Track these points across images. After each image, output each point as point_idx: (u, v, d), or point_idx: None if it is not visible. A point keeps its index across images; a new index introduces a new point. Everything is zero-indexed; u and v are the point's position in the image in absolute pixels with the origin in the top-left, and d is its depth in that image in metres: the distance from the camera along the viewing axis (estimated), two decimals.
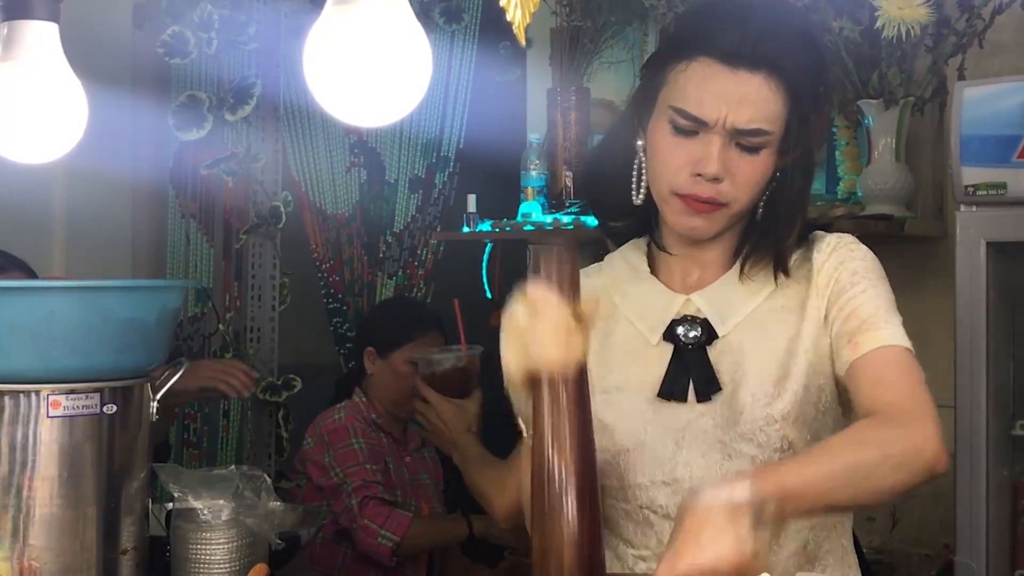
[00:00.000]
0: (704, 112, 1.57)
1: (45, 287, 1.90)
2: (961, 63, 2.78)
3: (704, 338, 1.65)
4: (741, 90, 1.56)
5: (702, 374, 1.63)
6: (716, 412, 1.62)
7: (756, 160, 1.60)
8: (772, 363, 1.62)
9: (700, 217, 1.62)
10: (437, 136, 3.99)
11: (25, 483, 1.82)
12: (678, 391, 1.64)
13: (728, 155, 1.58)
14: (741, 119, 1.57)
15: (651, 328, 1.68)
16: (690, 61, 1.59)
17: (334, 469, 3.21)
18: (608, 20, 3.43)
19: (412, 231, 4.07)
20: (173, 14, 3.69)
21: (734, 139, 1.58)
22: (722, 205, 1.61)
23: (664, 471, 1.63)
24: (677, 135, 1.60)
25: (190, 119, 3.76)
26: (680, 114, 1.59)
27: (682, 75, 1.60)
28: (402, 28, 1.35)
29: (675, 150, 1.60)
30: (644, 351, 1.68)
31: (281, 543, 2.02)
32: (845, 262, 1.64)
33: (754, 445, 1.60)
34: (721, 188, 1.59)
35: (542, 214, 3.32)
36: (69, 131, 2.08)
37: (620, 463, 1.66)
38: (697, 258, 1.70)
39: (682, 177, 1.60)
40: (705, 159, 1.57)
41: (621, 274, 1.76)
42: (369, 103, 1.37)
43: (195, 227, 4.09)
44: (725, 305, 1.66)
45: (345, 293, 4.12)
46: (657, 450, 1.63)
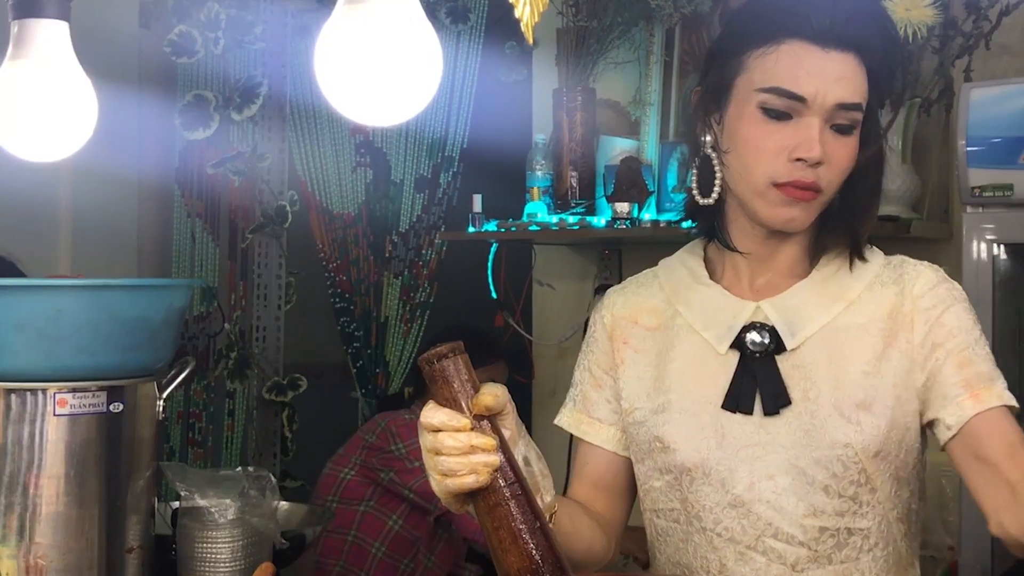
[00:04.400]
0: (802, 88, 1.50)
1: (52, 286, 1.91)
2: (968, 64, 2.77)
3: (773, 347, 1.56)
4: (837, 67, 1.51)
5: (770, 385, 1.54)
6: (786, 430, 1.53)
7: (849, 142, 1.53)
8: (850, 385, 1.53)
9: (798, 206, 1.53)
10: (442, 136, 3.99)
11: (32, 481, 1.82)
12: (744, 403, 1.55)
13: (825, 138, 1.51)
14: (842, 94, 1.51)
15: (719, 337, 1.59)
16: (779, 44, 1.52)
17: (410, 460, 3.24)
18: (614, 21, 3.42)
19: (417, 231, 4.07)
20: (180, 13, 3.70)
21: (831, 119, 1.51)
22: (819, 191, 1.53)
23: (730, 493, 1.54)
24: (770, 120, 1.52)
25: (196, 118, 3.76)
26: (775, 93, 1.51)
27: (770, 58, 1.52)
28: (413, 28, 1.34)
29: (770, 136, 1.52)
30: (709, 361, 1.59)
31: (286, 542, 2.02)
32: (950, 305, 1.55)
33: (829, 474, 1.51)
34: (820, 172, 1.51)
35: (547, 214, 3.32)
36: (79, 129, 2.08)
37: (682, 484, 1.58)
38: (767, 259, 1.61)
39: (780, 164, 1.51)
40: (806, 142, 1.50)
41: (681, 281, 1.67)
42: (380, 103, 1.37)
43: (201, 226, 4.10)
44: (796, 316, 1.57)
45: (352, 293, 4.12)
46: (722, 470, 1.54)
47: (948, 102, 2.90)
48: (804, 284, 1.59)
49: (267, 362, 4.03)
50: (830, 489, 1.51)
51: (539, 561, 1.28)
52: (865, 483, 1.51)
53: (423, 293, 4.09)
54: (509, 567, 1.28)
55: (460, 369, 1.32)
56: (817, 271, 1.60)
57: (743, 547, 1.53)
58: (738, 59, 1.56)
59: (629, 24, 3.43)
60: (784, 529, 1.52)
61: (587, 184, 3.37)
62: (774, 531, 1.52)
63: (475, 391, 1.32)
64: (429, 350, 1.32)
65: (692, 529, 1.58)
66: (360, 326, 4.11)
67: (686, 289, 1.66)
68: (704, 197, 1.59)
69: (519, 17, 1.14)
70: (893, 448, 1.53)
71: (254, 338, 4.05)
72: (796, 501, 1.51)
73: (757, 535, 1.53)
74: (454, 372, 1.32)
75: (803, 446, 1.51)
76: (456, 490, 1.32)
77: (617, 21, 3.41)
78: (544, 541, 1.29)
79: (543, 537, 1.29)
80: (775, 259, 1.61)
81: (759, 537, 1.53)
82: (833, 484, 1.51)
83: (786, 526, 1.51)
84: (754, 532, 1.53)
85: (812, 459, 1.51)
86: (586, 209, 3.32)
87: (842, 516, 1.51)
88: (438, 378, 1.32)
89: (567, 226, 3.25)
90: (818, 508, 1.51)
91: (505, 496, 1.30)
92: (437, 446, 1.32)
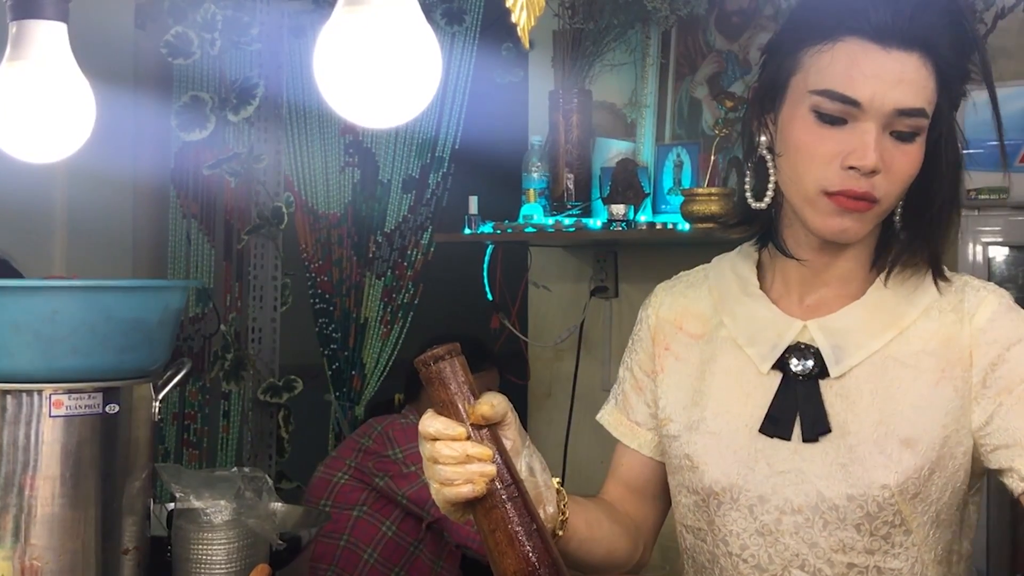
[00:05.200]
0: (857, 91, 1.38)
1: (48, 287, 1.90)
2: None
3: (817, 371, 1.47)
4: (897, 69, 1.38)
5: (811, 411, 1.45)
6: (822, 460, 1.44)
7: (911, 150, 1.40)
8: (895, 419, 1.43)
9: (851, 217, 1.41)
10: (433, 136, 3.99)
11: (27, 483, 1.82)
12: (782, 427, 1.46)
13: (883, 145, 1.39)
14: (902, 98, 1.38)
15: (762, 356, 1.50)
16: (835, 41, 1.40)
17: (407, 465, 3.23)
18: (610, 23, 3.42)
19: (403, 231, 4.07)
20: (176, 14, 3.69)
21: (889, 126, 1.39)
22: (874, 202, 1.40)
23: (758, 520, 1.47)
24: (823, 125, 1.40)
25: (193, 119, 3.76)
26: (827, 96, 1.39)
27: (825, 56, 1.41)
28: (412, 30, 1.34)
29: (822, 142, 1.40)
30: (749, 380, 1.51)
31: (282, 544, 2.02)
32: (1011, 336, 1.44)
33: (863, 513, 1.42)
34: (875, 181, 1.39)
35: (543, 216, 3.32)
36: (77, 131, 2.08)
37: (710, 507, 1.51)
38: (820, 271, 1.50)
39: (833, 171, 1.39)
40: (860, 149, 1.38)
41: (729, 290, 1.58)
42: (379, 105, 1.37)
43: (196, 227, 4.09)
44: (843, 340, 1.47)
45: (333, 294, 4.12)
46: (751, 496, 1.47)
47: None
48: (856, 306, 1.49)
49: (263, 363, 4.03)
50: (862, 527, 1.42)
51: (535, 563, 1.28)
52: (900, 524, 1.43)
53: (406, 294, 4.08)
54: (506, 569, 1.28)
55: (457, 371, 1.31)
56: (873, 291, 1.50)
57: (769, 574, 1.48)
58: (794, 56, 1.45)
59: (625, 26, 3.43)
60: (811, 562, 1.45)
61: (583, 186, 3.37)
62: (801, 562, 1.45)
63: (472, 393, 1.32)
64: (425, 352, 1.31)
65: (719, 552, 1.51)
66: (339, 327, 4.11)
67: (733, 300, 1.57)
68: (757, 201, 1.50)
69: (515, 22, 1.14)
70: (935, 492, 1.43)
71: (250, 339, 4.05)
72: (826, 535, 1.44)
73: (784, 565, 1.46)
74: (451, 374, 1.31)
75: (838, 480, 1.43)
76: (453, 499, 1.32)
77: (613, 23, 3.42)
78: (540, 544, 1.29)
79: (539, 540, 1.29)
80: (829, 272, 1.51)
81: (786, 567, 1.46)
82: (865, 523, 1.42)
83: (813, 559, 1.44)
84: (780, 562, 1.46)
85: (845, 495, 1.42)
86: (582, 211, 3.33)
87: (872, 554, 1.43)
88: (435, 380, 1.31)
89: (563, 228, 3.25)
90: (847, 544, 1.43)
91: (502, 498, 1.30)
92: (434, 455, 1.32)
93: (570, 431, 3.55)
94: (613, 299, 3.62)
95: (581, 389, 3.60)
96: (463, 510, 1.34)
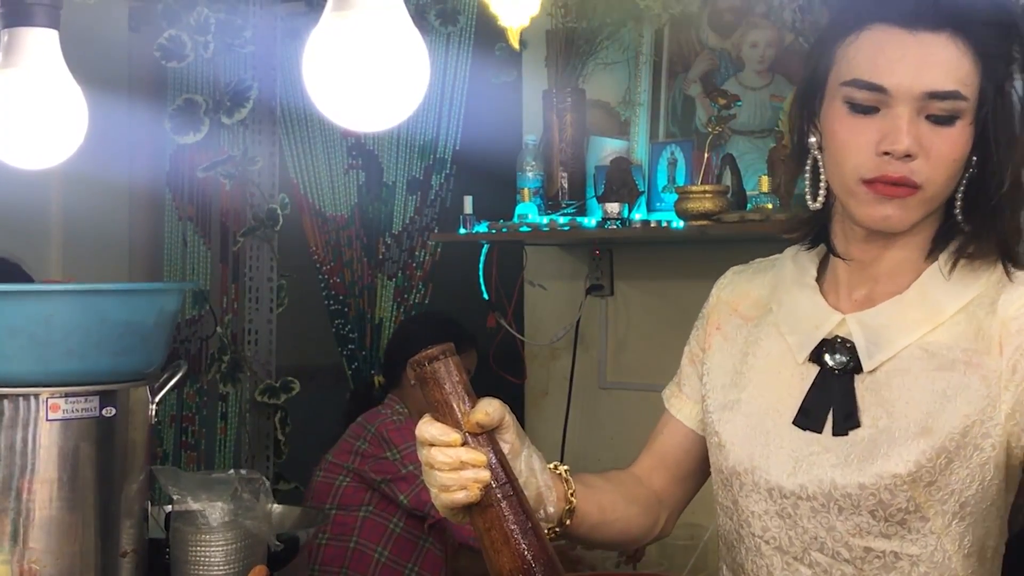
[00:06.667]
0: (883, 78, 1.37)
1: (44, 291, 1.91)
2: None
3: (852, 365, 1.47)
4: (924, 51, 1.36)
5: (844, 406, 1.45)
6: (845, 450, 1.44)
7: (951, 133, 1.38)
8: (918, 409, 1.42)
9: (892, 204, 1.39)
10: (434, 138, 4.00)
11: (24, 486, 1.82)
12: (815, 421, 1.47)
13: (919, 129, 1.37)
14: (931, 81, 1.36)
15: (799, 344, 1.51)
16: (860, 31, 1.40)
17: (404, 466, 3.23)
18: (603, 21, 3.43)
19: (410, 232, 4.08)
20: (169, 18, 3.69)
21: (923, 110, 1.37)
22: (915, 188, 1.38)
23: (777, 503, 1.48)
24: (856, 114, 1.40)
25: (187, 122, 3.76)
26: (856, 86, 1.39)
27: (852, 47, 1.41)
28: (400, 34, 1.35)
29: (856, 131, 1.40)
30: (787, 368, 1.52)
31: (280, 544, 2.02)
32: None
33: (876, 500, 1.41)
34: (914, 166, 1.37)
35: (538, 215, 3.33)
36: (69, 137, 2.09)
37: (733, 486, 1.53)
38: (870, 266, 1.49)
39: (867, 159, 1.39)
40: (893, 133, 1.37)
41: (785, 278, 1.58)
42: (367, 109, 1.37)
43: (192, 230, 4.10)
44: (879, 335, 1.46)
45: (346, 295, 4.13)
46: (771, 479, 1.48)
47: None
48: (897, 300, 1.47)
49: (259, 365, 4.03)
50: (876, 513, 1.42)
51: (531, 561, 1.29)
52: (915, 511, 1.41)
53: (417, 294, 4.09)
54: (501, 567, 1.29)
55: (451, 371, 1.32)
56: (918, 284, 1.47)
57: (790, 557, 1.49)
58: (829, 53, 1.44)
59: (618, 25, 3.44)
60: (830, 545, 1.45)
61: (577, 185, 3.38)
62: (820, 545, 1.46)
63: (467, 394, 1.32)
64: (420, 352, 1.32)
65: (743, 532, 1.53)
66: (355, 328, 4.11)
67: (785, 288, 1.57)
68: (812, 201, 1.49)
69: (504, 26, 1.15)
70: (956, 482, 1.41)
71: (246, 341, 4.05)
72: (842, 519, 1.44)
73: (804, 547, 1.47)
74: (445, 374, 1.32)
75: (853, 469, 1.43)
76: (449, 504, 1.33)
77: (606, 22, 3.43)
78: (536, 541, 1.30)
79: (535, 537, 1.30)
80: (878, 265, 1.49)
81: (806, 550, 1.47)
82: (880, 509, 1.42)
83: (831, 542, 1.45)
84: (800, 544, 1.47)
85: (857, 483, 1.42)
86: (576, 209, 3.33)
87: (889, 539, 1.43)
88: (429, 380, 1.32)
89: (558, 227, 3.25)
90: (864, 528, 1.43)
91: (497, 498, 1.31)
92: (430, 460, 1.32)
93: (567, 429, 3.55)
94: (609, 297, 3.62)
95: (578, 387, 3.61)
96: (462, 513, 1.35)
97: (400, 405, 3.40)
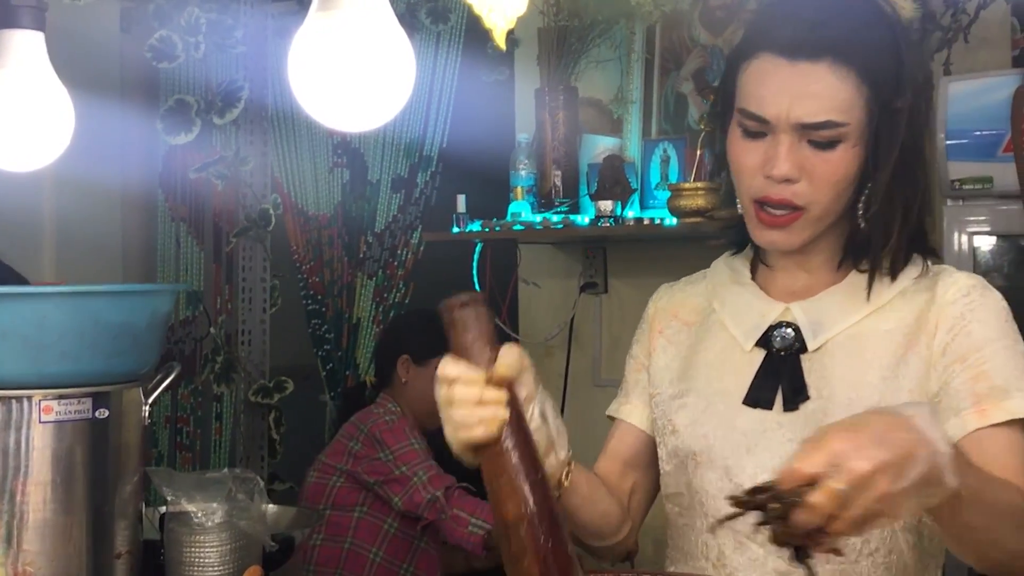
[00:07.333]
0: (764, 109, 1.46)
1: (36, 293, 1.91)
2: (947, 58, 2.79)
3: (797, 346, 1.55)
4: (802, 82, 1.44)
5: (792, 382, 1.53)
6: (797, 425, 1.51)
7: (832, 156, 1.46)
8: (866, 388, 1.50)
9: (778, 230, 1.51)
10: (420, 136, 4.00)
11: (18, 488, 1.82)
12: (764, 399, 1.54)
13: (802, 154, 1.46)
14: (805, 112, 1.44)
15: (746, 334, 1.59)
16: (751, 59, 1.49)
17: (397, 467, 3.23)
18: (595, 19, 3.43)
19: (393, 231, 4.07)
20: (160, 18, 3.68)
21: (804, 136, 1.46)
22: (799, 209, 1.49)
23: (732, 481, 1.53)
24: (747, 138, 1.50)
25: (178, 123, 3.76)
26: (744, 115, 1.49)
27: (744, 74, 1.50)
28: (385, 33, 1.35)
29: (747, 154, 1.50)
30: (735, 357, 1.59)
31: (275, 545, 2.02)
32: (977, 311, 1.50)
33: None
34: (796, 189, 1.47)
35: (531, 213, 3.33)
36: (56, 139, 2.09)
37: (688, 468, 1.58)
38: (802, 263, 1.59)
39: (756, 180, 1.50)
40: (773, 159, 1.46)
41: (722, 279, 1.67)
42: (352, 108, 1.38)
43: (185, 231, 4.10)
44: (822, 317, 1.55)
45: (324, 295, 4.12)
46: (726, 456, 1.55)
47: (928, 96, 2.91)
48: (836, 288, 1.57)
49: (253, 365, 4.03)
50: None
51: (535, 512, 1.30)
52: None
53: (397, 294, 4.08)
54: (506, 514, 1.30)
55: (480, 317, 1.35)
56: (853, 275, 1.56)
57: (742, 536, 1.53)
58: (731, 76, 1.54)
59: (610, 22, 3.44)
60: None
61: (570, 183, 3.38)
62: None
63: (489, 344, 1.34)
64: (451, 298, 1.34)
65: (695, 514, 1.58)
66: (332, 328, 4.11)
67: (724, 287, 1.66)
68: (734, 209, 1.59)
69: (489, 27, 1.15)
70: None
71: (240, 341, 4.05)
72: None
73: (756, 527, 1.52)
74: (474, 321, 1.34)
75: None
76: (466, 441, 1.33)
77: (598, 19, 3.42)
78: (543, 493, 1.32)
79: (541, 490, 1.32)
80: (808, 263, 1.58)
81: (758, 528, 1.51)
82: None
83: None
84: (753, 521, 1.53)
85: None
86: (570, 208, 3.33)
87: None
88: (458, 325, 1.35)
89: (551, 225, 3.26)
90: None
91: (508, 446, 1.32)
92: (450, 397, 1.33)
93: None
94: (603, 295, 3.63)
95: (572, 385, 3.61)
96: (475, 454, 1.35)
97: (393, 404, 3.39)
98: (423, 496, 3.17)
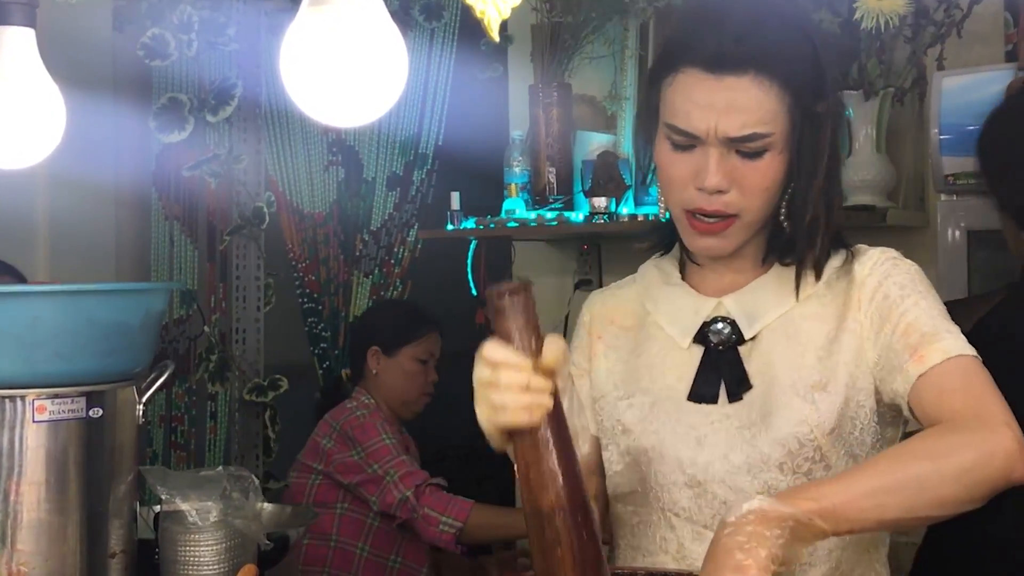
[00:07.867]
0: (693, 125, 1.52)
1: (29, 292, 1.91)
2: (940, 53, 2.79)
3: (735, 339, 1.60)
4: (728, 96, 1.50)
5: (734, 374, 1.59)
6: (744, 413, 1.57)
7: (760, 165, 1.53)
8: (805, 368, 1.56)
9: (713, 237, 1.57)
10: (416, 134, 3.99)
11: (12, 488, 1.82)
12: (708, 394, 1.59)
13: (731, 164, 1.52)
14: (732, 126, 1.50)
15: (682, 332, 1.64)
16: (676, 73, 1.54)
17: (369, 465, 3.22)
18: (589, 16, 3.42)
19: (389, 229, 4.07)
20: (153, 16, 3.68)
21: (732, 147, 1.52)
22: (731, 217, 1.55)
23: (686, 473, 1.58)
24: (676, 151, 1.55)
25: (171, 121, 3.75)
26: (672, 130, 1.54)
27: (670, 89, 1.55)
28: (377, 28, 1.35)
29: (677, 166, 1.55)
30: (674, 356, 1.64)
31: (270, 543, 2.02)
32: (891, 276, 1.58)
33: (784, 451, 1.54)
34: (727, 199, 1.54)
35: (526, 210, 3.32)
36: (47, 137, 2.08)
37: (641, 465, 1.62)
38: (729, 263, 1.64)
39: (687, 191, 1.55)
40: (703, 171, 1.52)
41: (653, 281, 1.72)
42: (344, 104, 1.38)
43: (179, 229, 4.09)
44: (755, 308, 1.61)
45: (321, 293, 4.12)
46: (678, 449, 1.58)
47: (921, 91, 2.91)
48: (764, 279, 1.63)
49: (247, 364, 4.02)
50: (784, 467, 1.53)
51: (571, 502, 1.31)
52: (820, 460, 1.53)
53: (394, 291, 4.08)
54: (540, 503, 1.31)
55: (527, 305, 1.35)
56: (778, 267, 1.63)
57: (700, 526, 1.56)
58: (655, 89, 1.59)
59: (603, 19, 3.43)
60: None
61: (564, 179, 3.37)
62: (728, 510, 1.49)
63: (536, 330, 1.35)
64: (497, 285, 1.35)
65: (651, 509, 1.61)
66: (328, 326, 4.10)
67: (655, 289, 1.70)
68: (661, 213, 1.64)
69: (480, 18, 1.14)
70: (847, 426, 1.55)
71: (234, 340, 4.04)
72: (750, 479, 1.54)
73: (713, 514, 1.55)
74: (521, 308, 1.35)
75: (760, 426, 1.54)
76: (505, 425, 1.33)
77: (591, 16, 3.42)
78: (577, 485, 1.33)
79: (577, 481, 1.33)
80: (733, 263, 1.64)
81: (715, 516, 1.54)
82: (788, 461, 1.53)
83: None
84: (710, 511, 1.56)
85: (769, 438, 1.53)
86: (564, 204, 3.33)
87: None
88: (506, 311, 1.34)
89: (545, 222, 3.25)
90: (772, 486, 1.52)
91: (548, 437, 1.33)
92: (495, 380, 1.32)
93: None
94: None
95: None
96: (506, 439, 1.35)
97: (367, 397, 3.40)
98: (395, 496, 3.17)
